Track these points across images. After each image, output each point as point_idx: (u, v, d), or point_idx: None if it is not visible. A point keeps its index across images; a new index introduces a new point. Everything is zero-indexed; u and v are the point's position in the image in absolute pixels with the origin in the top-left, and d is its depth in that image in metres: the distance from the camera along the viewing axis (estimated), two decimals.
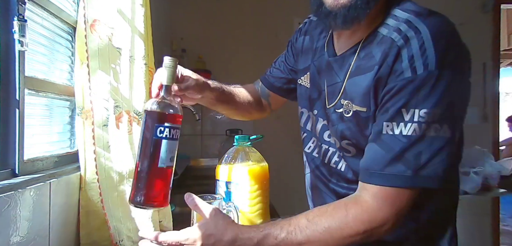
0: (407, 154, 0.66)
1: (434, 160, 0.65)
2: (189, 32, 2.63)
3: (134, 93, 0.99)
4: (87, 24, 0.95)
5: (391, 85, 0.67)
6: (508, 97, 7.40)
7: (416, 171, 0.65)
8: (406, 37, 0.67)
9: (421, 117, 0.64)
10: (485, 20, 2.82)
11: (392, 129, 0.67)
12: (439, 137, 0.65)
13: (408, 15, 0.70)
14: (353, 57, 0.76)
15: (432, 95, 0.64)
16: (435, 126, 0.65)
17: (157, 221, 1.03)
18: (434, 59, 0.63)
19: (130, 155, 0.97)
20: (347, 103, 0.77)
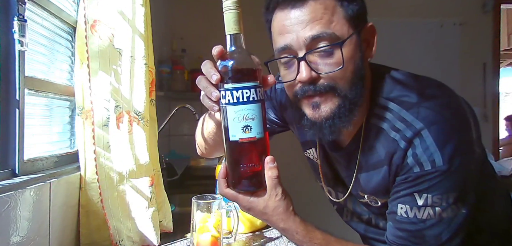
0: (427, 236, 0.67)
1: (454, 238, 0.67)
2: (189, 32, 2.62)
3: (135, 94, 0.99)
4: (87, 24, 0.95)
5: (401, 178, 0.68)
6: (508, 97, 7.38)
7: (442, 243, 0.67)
8: (408, 140, 0.67)
9: (434, 202, 0.65)
10: (485, 20, 2.81)
11: (406, 212, 0.68)
12: (456, 216, 0.66)
13: (399, 108, 0.68)
14: (358, 152, 0.75)
15: (444, 184, 0.65)
16: (452, 208, 0.66)
17: (157, 221, 1.03)
18: (439, 156, 0.64)
19: (130, 155, 0.97)
20: (369, 196, 0.78)
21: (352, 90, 0.67)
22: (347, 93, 0.67)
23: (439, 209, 0.65)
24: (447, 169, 0.64)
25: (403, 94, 0.70)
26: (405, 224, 0.68)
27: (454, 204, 0.65)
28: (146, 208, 0.99)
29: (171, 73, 2.40)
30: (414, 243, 0.68)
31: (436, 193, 0.65)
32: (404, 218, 0.68)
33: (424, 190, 0.65)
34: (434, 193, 0.65)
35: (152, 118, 1.07)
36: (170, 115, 1.69)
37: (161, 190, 1.11)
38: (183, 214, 1.20)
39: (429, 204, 0.65)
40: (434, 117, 0.65)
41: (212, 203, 0.90)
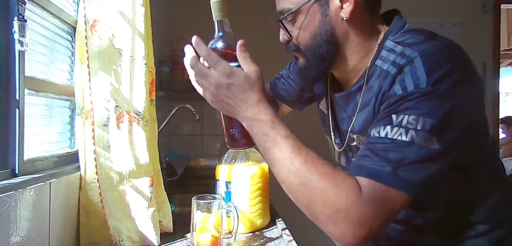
0: (391, 154, 0.63)
1: (419, 167, 0.62)
2: (189, 32, 2.62)
3: (135, 94, 0.99)
4: (87, 24, 0.95)
5: (384, 105, 0.68)
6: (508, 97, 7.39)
7: (396, 168, 0.61)
8: (399, 66, 0.68)
9: (409, 123, 0.62)
10: (485, 20, 2.81)
11: (378, 132, 0.65)
12: (426, 148, 0.62)
13: (403, 47, 0.71)
14: (360, 93, 0.79)
15: (424, 105, 0.62)
16: (424, 135, 0.61)
17: (157, 221, 1.03)
18: (425, 78, 0.63)
19: (130, 155, 0.97)
20: (357, 136, 0.81)
21: (313, 50, 0.78)
22: (308, 52, 0.79)
23: (413, 132, 0.61)
24: (430, 90, 0.62)
25: (408, 36, 0.72)
26: (373, 144, 0.65)
27: (429, 132, 0.61)
28: (146, 208, 0.99)
29: (171, 73, 2.40)
30: (375, 160, 0.63)
31: (413, 113, 0.62)
32: (375, 138, 0.65)
33: (402, 111, 0.63)
34: (411, 113, 0.62)
35: (152, 118, 1.07)
36: (170, 116, 1.70)
37: (161, 190, 1.11)
38: (183, 214, 1.20)
39: (403, 124, 0.62)
40: (432, 50, 0.66)
41: (212, 203, 0.90)
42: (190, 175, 2.19)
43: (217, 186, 1.17)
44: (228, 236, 1.03)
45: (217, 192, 1.17)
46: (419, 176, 0.62)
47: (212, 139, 2.69)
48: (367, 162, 0.64)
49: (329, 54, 0.78)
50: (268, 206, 1.22)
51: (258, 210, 1.14)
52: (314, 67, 0.79)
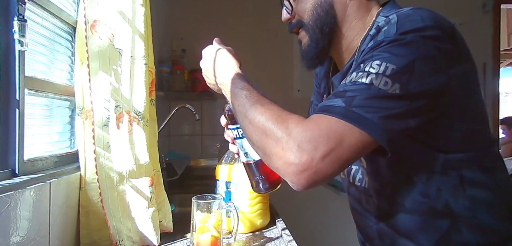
0: (348, 92, 0.62)
1: (372, 103, 0.60)
2: (189, 32, 2.63)
3: (135, 94, 0.99)
4: (87, 24, 0.95)
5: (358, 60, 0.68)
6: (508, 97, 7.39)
7: (348, 104, 0.60)
8: (378, 27, 0.68)
9: (372, 68, 0.62)
10: (485, 20, 2.82)
11: (345, 80, 0.66)
12: (386, 92, 0.60)
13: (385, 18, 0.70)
14: (350, 69, 0.79)
15: (389, 51, 0.62)
16: (385, 80, 0.60)
17: (157, 221, 1.03)
18: (395, 30, 0.63)
19: (130, 155, 0.97)
20: None
21: (315, 22, 0.80)
22: (312, 27, 0.81)
23: (373, 75, 0.60)
24: (397, 38, 0.62)
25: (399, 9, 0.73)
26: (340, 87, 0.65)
27: (389, 76, 0.59)
28: (146, 208, 0.99)
29: (171, 73, 2.40)
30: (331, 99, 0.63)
31: (377, 59, 0.62)
32: (342, 85, 0.64)
33: (369, 59, 0.63)
34: (376, 59, 0.62)
35: (152, 118, 1.07)
36: (170, 115, 1.70)
37: (161, 190, 1.11)
38: (183, 214, 1.20)
39: (366, 70, 0.62)
40: (411, 12, 0.66)
41: (212, 203, 0.90)
42: (190, 175, 2.19)
43: (217, 186, 1.17)
44: (228, 236, 1.03)
45: (217, 192, 1.17)
46: (373, 114, 0.59)
47: (212, 139, 2.69)
48: (324, 102, 0.64)
49: (328, 27, 0.80)
50: (268, 206, 1.22)
51: (258, 210, 1.15)
52: (315, 42, 0.81)
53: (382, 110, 0.60)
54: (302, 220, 2.65)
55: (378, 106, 0.60)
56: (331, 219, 2.61)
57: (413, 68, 0.61)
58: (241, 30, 2.71)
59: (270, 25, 2.69)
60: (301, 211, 2.64)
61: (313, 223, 2.64)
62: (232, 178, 1.13)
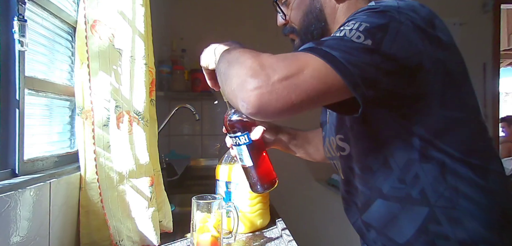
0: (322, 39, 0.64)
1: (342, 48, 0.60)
2: (189, 32, 2.63)
3: (135, 94, 0.99)
4: (87, 24, 0.95)
5: None
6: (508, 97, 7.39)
7: (318, 44, 0.62)
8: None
9: (346, 26, 0.64)
10: (485, 20, 2.81)
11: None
12: (358, 43, 0.61)
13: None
14: None
15: (366, 15, 0.65)
16: (357, 33, 0.62)
17: (157, 221, 1.03)
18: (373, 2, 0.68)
19: (130, 155, 0.97)
20: None
21: (306, 29, 0.83)
22: (303, 32, 0.84)
23: (347, 30, 0.63)
24: (371, 7, 0.66)
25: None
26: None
27: (362, 32, 0.61)
28: (146, 208, 0.99)
29: (171, 73, 2.40)
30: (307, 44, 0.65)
31: (354, 20, 0.64)
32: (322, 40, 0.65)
33: (347, 22, 0.65)
34: (352, 20, 0.65)
35: (152, 118, 1.07)
36: (170, 115, 1.70)
37: (161, 190, 1.11)
38: (183, 214, 1.20)
39: (341, 28, 0.65)
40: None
41: (212, 203, 0.90)
42: (190, 175, 2.19)
43: (217, 186, 1.17)
44: (228, 236, 1.03)
45: (217, 192, 1.17)
46: (342, 54, 0.60)
47: (212, 139, 2.69)
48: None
49: (319, 31, 0.83)
50: (268, 206, 1.22)
51: (258, 210, 1.15)
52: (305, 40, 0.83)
53: (351, 55, 0.60)
54: (302, 220, 2.65)
55: (348, 51, 0.60)
56: (331, 219, 2.61)
57: (387, 30, 0.62)
58: (241, 30, 2.71)
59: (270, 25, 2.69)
60: (301, 211, 2.64)
61: (313, 223, 2.64)
62: (232, 178, 1.13)
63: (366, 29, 0.62)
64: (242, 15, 2.73)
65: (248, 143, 0.91)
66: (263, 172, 0.92)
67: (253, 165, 0.91)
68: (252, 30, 2.70)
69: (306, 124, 1.17)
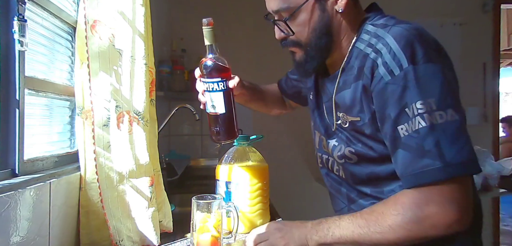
0: (426, 146, 0.68)
1: (455, 145, 0.67)
2: (189, 32, 2.61)
3: (135, 94, 0.99)
4: (87, 24, 0.95)
5: (376, 91, 0.75)
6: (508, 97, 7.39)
7: (443, 161, 0.67)
8: (376, 50, 0.76)
9: (420, 109, 0.69)
10: (485, 20, 2.81)
11: (406, 130, 0.71)
12: (447, 122, 0.68)
13: (376, 29, 0.80)
14: (339, 74, 0.87)
15: (419, 87, 0.69)
16: (439, 113, 0.68)
17: (157, 221, 1.03)
18: (405, 59, 0.71)
19: (131, 155, 0.97)
20: (343, 115, 0.86)
21: (314, 42, 0.84)
22: (309, 45, 0.85)
23: (427, 115, 0.68)
24: (412, 67, 0.70)
25: (384, 20, 0.82)
26: (407, 143, 0.71)
27: (438, 110, 0.68)
28: (146, 208, 0.99)
29: (171, 73, 2.40)
30: (419, 159, 0.69)
31: (417, 100, 0.69)
32: (406, 136, 0.71)
33: (408, 100, 0.70)
34: (415, 100, 0.69)
35: (152, 118, 1.07)
36: (170, 115, 1.69)
37: (161, 190, 1.11)
38: (183, 214, 1.20)
39: (416, 113, 0.69)
40: (402, 31, 0.74)
41: (212, 203, 0.90)
42: (190, 175, 2.18)
43: (217, 186, 1.17)
44: (228, 236, 1.03)
45: (217, 192, 1.17)
46: (464, 155, 0.68)
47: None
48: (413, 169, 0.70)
49: (328, 45, 0.85)
50: (268, 206, 1.22)
51: (258, 210, 1.14)
52: (315, 59, 0.86)
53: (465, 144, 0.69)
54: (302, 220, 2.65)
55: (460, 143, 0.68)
56: None
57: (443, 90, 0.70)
58: (241, 30, 2.71)
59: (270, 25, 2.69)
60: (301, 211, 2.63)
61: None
62: (232, 178, 1.13)
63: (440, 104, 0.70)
64: (242, 15, 2.73)
65: (225, 89, 0.92)
66: (232, 121, 0.94)
67: (225, 112, 0.92)
68: (252, 30, 2.70)
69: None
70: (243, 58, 2.64)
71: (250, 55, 2.63)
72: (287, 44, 0.89)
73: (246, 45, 2.70)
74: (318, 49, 0.85)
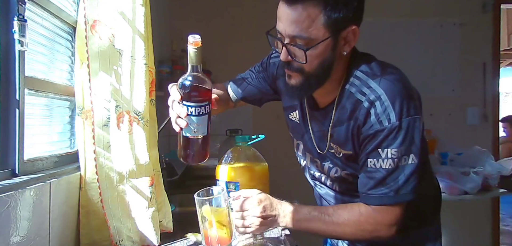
0: (387, 180, 0.88)
1: (408, 181, 0.88)
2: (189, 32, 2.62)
3: (135, 94, 0.99)
4: (87, 24, 0.95)
5: (365, 133, 0.89)
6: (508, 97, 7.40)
7: (396, 191, 0.89)
8: (370, 100, 0.88)
9: (392, 154, 0.87)
10: (485, 20, 2.81)
11: (373, 164, 0.89)
12: (408, 165, 0.88)
13: (367, 78, 0.90)
14: (333, 110, 0.96)
15: (398, 138, 0.86)
16: (404, 158, 0.87)
17: (157, 221, 1.03)
18: (394, 115, 0.86)
19: (130, 155, 0.97)
20: (337, 147, 0.98)
21: (316, 74, 0.89)
22: (311, 75, 0.89)
23: (396, 160, 0.87)
24: (399, 124, 0.86)
25: (370, 68, 0.92)
26: (373, 173, 0.90)
27: (405, 155, 0.87)
28: (146, 208, 0.99)
29: (171, 73, 2.40)
30: (379, 187, 0.89)
31: (393, 147, 0.87)
32: (373, 168, 0.90)
33: (385, 146, 0.87)
34: (392, 147, 0.87)
35: (152, 118, 1.07)
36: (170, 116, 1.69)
37: (161, 190, 1.11)
38: (183, 214, 1.20)
39: (389, 156, 0.87)
40: (391, 86, 0.88)
41: (215, 197, 0.90)
42: (190, 175, 2.18)
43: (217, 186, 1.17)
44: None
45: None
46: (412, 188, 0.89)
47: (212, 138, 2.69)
48: (374, 192, 0.91)
49: (325, 78, 0.92)
50: None
51: None
52: (311, 88, 0.93)
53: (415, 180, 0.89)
54: None
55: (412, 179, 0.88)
56: None
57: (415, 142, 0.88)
58: (241, 30, 2.71)
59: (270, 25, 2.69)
60: None
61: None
62: (232, 178, 1.13)
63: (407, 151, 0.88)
64: (242, 15, 2.73)
65: (210, 111, 0.86)
66: (209, 142, 0.89)
67: (206, 134, 0.87)
68: (252, 30, 2.70)
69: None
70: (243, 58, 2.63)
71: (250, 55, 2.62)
72: (290, 68, 0.91)
73: (246, 44, 2.69)
74: (317, 80, 0.91)
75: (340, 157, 0.98)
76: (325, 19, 0.83)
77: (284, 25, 0.86)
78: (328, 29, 0.85)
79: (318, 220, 0.96)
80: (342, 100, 0.94)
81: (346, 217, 0.94)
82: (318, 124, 1.02)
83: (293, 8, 0.84)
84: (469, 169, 2.17)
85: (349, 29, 0.87)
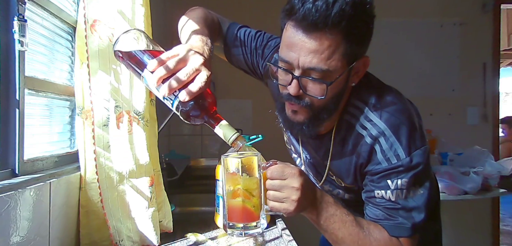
0: (399, 211, 0.82)
1: (421, 212, 0.83)
2: None
3: (134, 94, 0.99)
4: (87, 24, 0.95)
5: (372, 171, 0.83)
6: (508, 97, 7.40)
7: (412, 222, 0.82)
8: (372, 136, 0.82)
9: (402, 185, 0.81)
10: (485, 20, 2.81)
11: (382, 196, 0.82)
12: (420, 195, 0.83)
13: (367, 110, 0.84)
14: (330, 142, 0.89)
15: (410, 173, 0.80)
16: (414, 189, 0.82)
17: (157, 221, 1.03)
18: (402, 151, 0.80)
19: (130, 155, 0.97)
20: (337, 179, 0.94)
21: (326, 111, 0.81)
22: (321, 111, 0.81)
23: (406, 191, 0.81)
24: (410, 161, 0.80)
25: (370, 98, 0.84)
26: (381, 205, 0.83)
27: (418, 184, 0.82)
28: (146, 208, 0.99)
29: None
30: (389, 218, 0.83)
31: (403, 177, 0.81)
32: (381, 200, 0.83)
33: (393, 177, 0.81)
34: (402, 177, 0.81)
35: (152, 118, 1.07)
36: (170, 115, 1.69)
37: (161, 190, 1.11)
38: (183, 214, 1.20)
39: (398, 187, 0.81)
40: (394, 120, 0.81)
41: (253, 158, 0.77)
42: (190, 175, 2.18)
43: (217, 186, 1.17)
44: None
45: (217, 192, 1.17)
46: (425, 214, 0.83)
47: (212, 138, 2.69)
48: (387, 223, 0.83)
49: (334, 113, 0.84)
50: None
51: None
52: (319, 124, 0.84)
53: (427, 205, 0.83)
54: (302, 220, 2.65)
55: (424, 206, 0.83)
56: None
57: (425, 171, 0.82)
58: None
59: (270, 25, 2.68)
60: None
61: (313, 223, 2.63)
62: None
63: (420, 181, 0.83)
64: (242, 15, 2.72)
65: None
66: None
67: None
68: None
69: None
70: None
71: None
72: (301, 103, 0.80)
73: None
74: (328, 115, 0.82)
75: (342, 186, 0.95)
76: (345, 48, 0.74)
77: (298, 54, 0.75)
78: (346, 60, 0.76)
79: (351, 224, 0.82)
80: (341, 132, 0.87)
81: (378, 237, 0.83)
82: (312, 151, 0.97)
83: (314, 36, 0.73)
84: (469, 169, 2.17)
85: (362, 59, 0.80)
